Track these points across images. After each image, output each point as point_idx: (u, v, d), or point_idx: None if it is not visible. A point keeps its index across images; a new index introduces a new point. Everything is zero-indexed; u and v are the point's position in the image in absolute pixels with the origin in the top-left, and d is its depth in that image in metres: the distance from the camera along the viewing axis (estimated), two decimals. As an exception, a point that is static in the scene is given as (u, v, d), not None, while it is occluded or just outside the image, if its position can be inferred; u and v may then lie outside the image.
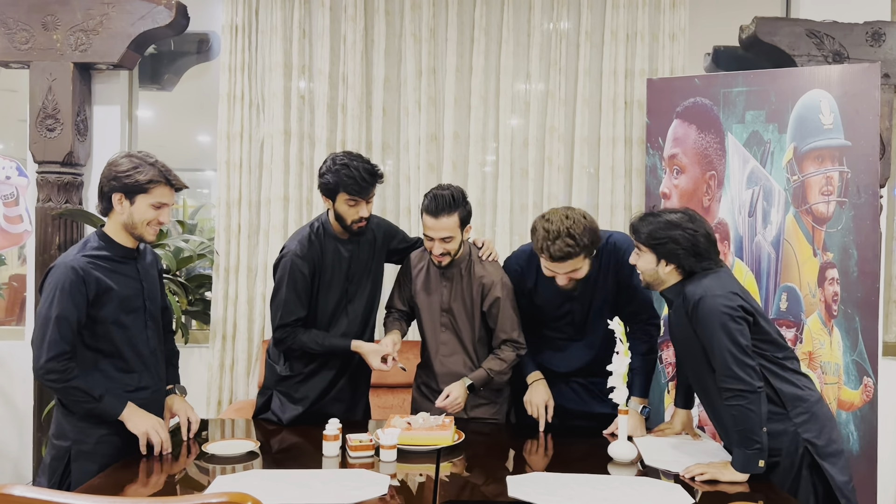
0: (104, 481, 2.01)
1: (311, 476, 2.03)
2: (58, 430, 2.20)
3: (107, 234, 2.24)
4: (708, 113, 3.39)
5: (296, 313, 2.60)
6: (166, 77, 4.33)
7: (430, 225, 2.55)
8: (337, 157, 2.55)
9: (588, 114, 3.80)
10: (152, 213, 2.20)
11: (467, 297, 2.68)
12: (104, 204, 2.22)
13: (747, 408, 2.04)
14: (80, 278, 2.11)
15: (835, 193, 3.17)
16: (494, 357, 2.65)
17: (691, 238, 2.17)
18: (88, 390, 2.13)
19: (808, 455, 2.13)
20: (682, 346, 2.31)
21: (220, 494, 1.25)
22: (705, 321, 2.09)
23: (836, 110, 3.17)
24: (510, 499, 1.89)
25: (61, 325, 2.09)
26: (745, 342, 2.07)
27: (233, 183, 3.80)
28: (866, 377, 3.16)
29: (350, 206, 2.53)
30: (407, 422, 2.38)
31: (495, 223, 3.79)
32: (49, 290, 2.12)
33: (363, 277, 2.70)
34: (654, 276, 2.26)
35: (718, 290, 2.11)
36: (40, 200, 3.73)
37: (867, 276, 3.14)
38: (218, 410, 3.79)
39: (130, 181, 2.16)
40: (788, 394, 2.16)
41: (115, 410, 2.17)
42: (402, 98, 3.83)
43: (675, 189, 3.46)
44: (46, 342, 2.09)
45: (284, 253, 2.63)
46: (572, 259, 2.41)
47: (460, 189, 2.60)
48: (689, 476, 2.07)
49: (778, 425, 2.13)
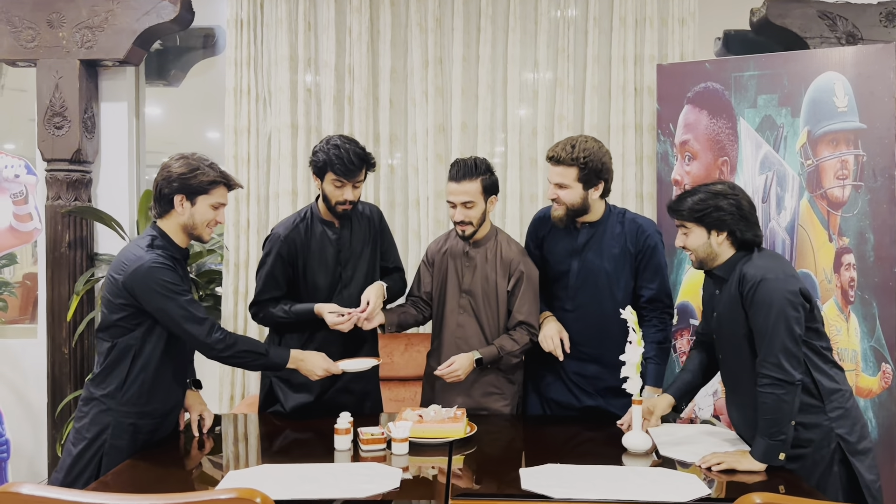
0: (118, 477, 2.00)
1: (322, 470, 2.02)
2: (92, 423, 2.20)
3: (166, 234, 2.27)
4: (719, 98, 3.34)
5: (271, 292, 2.63)
6: (173, 73, 4.32)
7: (452, 189, 2.58)
8: (332, 138, 2.58)
9: (597, 101, 3.75)
10: (212, 213, 2.28)
11: (491, 278, 2.65)
12: (163, 206, 2.26)
13: (783, 398, 2.01)
14: (169, 266, 2.20)
15: (850, 177, 3.12)
16: (508, 337, 2.62)
17: (735, 203, 2.15)
18: (256, 349, 2.34)
19: (840, 451, 2.10)
20: (725, 331, 2.22)
21: (230, 490, 1.23)
22: (763, 304, 2.04)
23: (851, 92, 3.11)
24: (523, 491, 1.86)
25: (191, 301, 2.21)
26: (799, 331, 2.04)
27: (241, 178, 3.78)
28: (885, 363, 3.11)
29: (336, 188, 2.54)
30: (419, 414, 2.36)
31: (505, 213, 3.77)
32: (157, 284, 2.15)
33: (358, 262, 2.68)
34: (707, 250, 2.20)
35: (780, 273, 2.07)
36: (49, 198, 3.74)
37: (884, 260, 3.09)
38: (231, 405, 3.79)
39: (194, 182, 2.23)
40: (827, 387, 2.11)
41: (282, 361, 2.39)
42: (408, 89, 3.81)
43: (687, 175, 3.41)
44: (199, 320, 2.21)
45: (269, 234, 2.69)
46: (562, 166, 2.52)
47: (485, 160, 2.63)
48: (706, 466, 2.04)
49: (812, 418, 2.09)
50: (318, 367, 2.42)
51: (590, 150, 2.53)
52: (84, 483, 2.15)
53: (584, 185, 2.55)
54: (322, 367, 2.42)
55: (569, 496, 1.82)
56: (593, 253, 2.64)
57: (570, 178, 2.54)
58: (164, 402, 2.28)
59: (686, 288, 3.41)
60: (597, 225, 2.65)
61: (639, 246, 2.61)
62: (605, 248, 2.63)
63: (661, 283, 2.62)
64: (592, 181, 2.55)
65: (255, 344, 2.35)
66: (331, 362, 2.45)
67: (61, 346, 3.74)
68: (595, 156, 2.53)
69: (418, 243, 3.78)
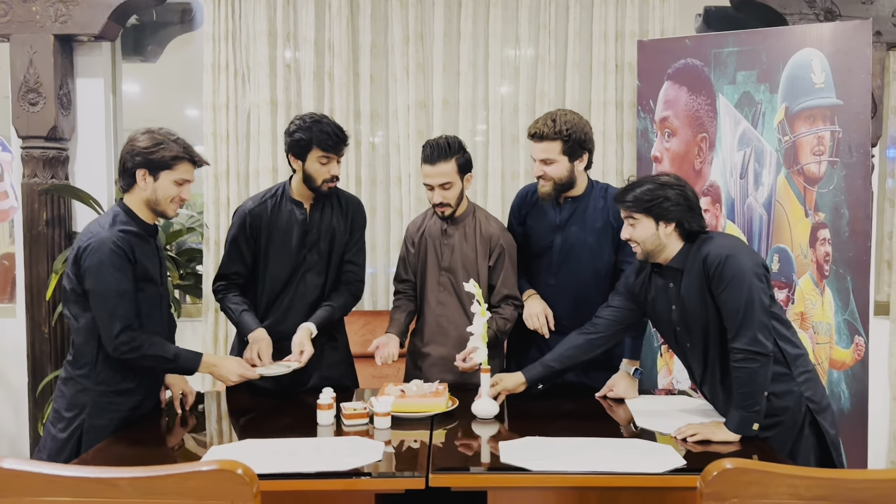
0: (99, 453, 2.01)
1: (305, 445, 2.04)
2: (70, 404, 2.20)
3: (131, 210, 2.25)
4: (699, 74, 3.36)
5: (232, 266, 2.64)
6: (150, 48, 4.26)
7: (427, 172, 2.57)
8: (304, 116, 2.56)
9: (578, 78, 3.76)
10: (175, 189, 2.23)
11: (471, 255, 2.67)
12: (126, 180, 2.23)
13: (758, 371, 2.04)
14: (123, 251, 2.15)
15: (826, 153, 3.16)
16: (498, 316, 2.64)
17: (682, 193, 2.16)
18: (163, 354, 2.22)
19: (809, 413, 2.16)
20: (691, 318, 2.21)
21: (211, 462, 1.25)
22: (733, 280, 2.05)
23: (828, 69, 3.14)
24: (503, 464, 1.89)
25: (122, 299, 2.15)
26: (767, 302, 2.08)
27: (220, 155, 3.76)
28: (858, 336, 3.18)
29: (322, 164, 2.53)
30: (401, 389, 2.38)
31: (487, 191, 3.78)
32: (95, 267, 2.13)
33: (323, 248, 2.65)
34: (655, 242, 2.19)
35: (742, 248, 2.11)
36: (26, 176, 3.70)
37: (858, 235, 3.14)
38: (213, 383, 3.79)
39: (156, 157, 2.19)
40: (791, 353, 2.17)
41: (192, 366, 2.29)
42: (389, 65, 3.79)
43: (666, 152, 3.43)
44: (114, 317, 2.14)
45: (237, 208, 2.68)
46: (546, 141, 2.53)
47: (457, 138, 2.62)
48: (681, 437, 2.08)
49: (784, 386, 2.14)
50: (232, 373, 2.34)
51: (571, 121, 2.55)
52: (64, 462, 2.15)
53: (570, 157, 2.57)
54: (236, 373, 2.34)
55: (547, 468, 1.85)
56: (576, 227, 2.66)
57: (554, 152, 2.55)
58: (139, 380, 2.27)
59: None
60: (579, 199, 2.67)
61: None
62: (588, 222, 2.65)
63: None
64: (577, 152, 2.57)
65: (164, 349, 2.23)
66: (247, 367, 2.38)
67: (41, 325, 3.71)
68: (577, 127, 2.55)
69: (400, 221, 3.78)
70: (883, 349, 3.80)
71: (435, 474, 1.84)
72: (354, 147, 3.80)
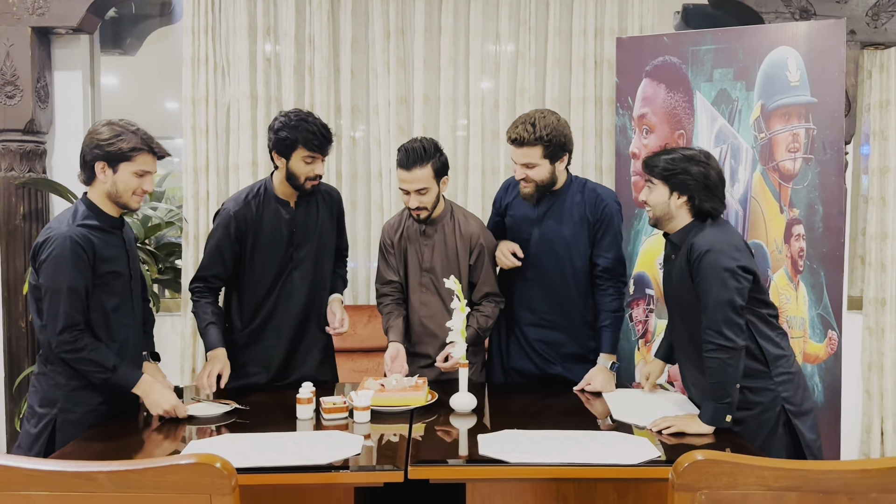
0: (78, 447, 2.00)
1: (285, 438, 2.04)
2: (43, 399, 2.19)
3: (94, 204, 2.22)
4: (677, 72, 3.39)
5: (215, 269, 2.61)
6: (128, 41, 4.23)
7: (403, 178, 2.56)
8: (290, 113, 2.52)
9: (558, 74, 3.78)
10: (136, 181, 2.20)
11: (451, 254, 2.68)
12: (87, 173, 2.20)
13: (727, 362, 2.08)
14: (81, 247, 2.12)
15: (801, 150, 3.21)
16: (479, 314, 2.66)
17: (704, 171, 2.21)
18: (102, 361, 2.15)
19: (784, 414, 2.19)
20: (676, 295, 2.32)
21: (190, 456, 1.25)
22: (706, 274, 2.11)
23: (803, 67, 3.19)
24: (481, 456, 1.91)
25: (71, 296, 2.11)
26: (739, 302, 2.10)
27: (199, 149, 3.74)
28: (831, 330, 3.23)
29: (307, 164, 2.51)
30: (380, 384, 2.40)
31: (467, 186, 3.79)
32: (50, 262, 2.11)
33: (310, 245, 2.65)
34: (664, 209, 2.26)
35: (726, 246, 2.13)
36: (3, 170, 3.66)
37: (832, 231, 3.20)
38: (192, 377, 3.78)
39: (113, 149, 2.15)
40: (772, 353, 2.20)
41: (130, 381, 2.19)
42: (370, 60, 3.78)
43: (644, 149, 3.47)
44: (59, 314, 2.10)
45: (219, 209, 2.64)
46: (526, 147, 2.54)
47: (433, 140, 2.60)
48: (656, 429, 2.12)
49: (759, 382, 2.18)
50: (159, 406, 2.21)
51: (551, 125, 2.54)
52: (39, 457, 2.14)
53: (551, 160, 2.58)
54: (163, 408, 2.20)
55: (524, 460, 1.87)
56: (553, 221, 2.68)
57: (535, 156, 2.56)
58: None
59: (643, 258, 3.48)
60: (557, 194, 2.69)
61: (597, 214, 2.65)
62: (565, 215, 2.67)
63: (616, 253, 2.68)
64: (558, 154, 2.59)
65: (104, 357, 2.15)
66: (178, 404, 2.23)
67: (17, 320, 3.68)
68: (557, 130, 2.55)
69: (381, 215, 3.79)
70: (856, 343, 3.88)
71: (413, 467, 1.86)
72: (336, 142, 3.78)
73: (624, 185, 3.52)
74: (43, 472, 1.25)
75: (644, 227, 3.45)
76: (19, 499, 1.25)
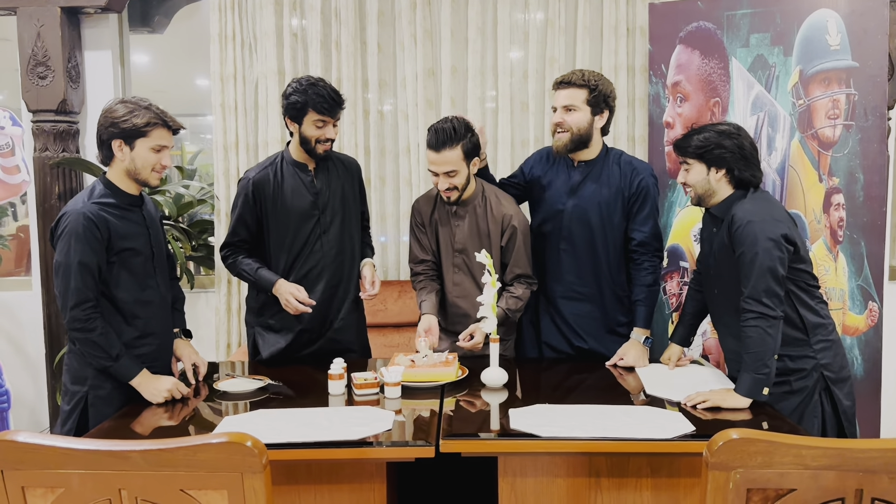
0: (113, 425, 2.04)
1: (317, 414, 2.06)
2: (74, 376, 2.23)
3: (111, 182, 2.24)
4: (711, 37, 3.29)
5: (239, 234, 2.65)
6: (157, 19, 4.23)
7: (432, 159, 2.52)
8: (301, 79, 2.54)
9: (589, 42, 3.70)
10: (153, 156, 2.20)
11: (483, 234, 2.64)
12: (104, 152, 2.21)
13: (766, 331, 2.08)
14: (94, 224, 2.13)
15: (841, 117, 3.10)
16: (509, 295, 2.63)
17: (738, 143, 2.22)
18: (107, 348, 2.15)
19: (823, 381, 2.20)
20: (717, 267, 2.31)
21: (221, 435, 1.26)
22: (748, 243, 2.12)
23: (844, 30, 3.07)
24: (512, 430, 1.91)
25: (83, 272, 2.12)
26: (781, 272, 2.10)
27: (229, 126, 3.75)
28: (871, 302, 3.15)
29: (318, 128, 2.53)
30: (411, 359, 2.40)
31: (496, 159, 3.75)
32: (64, 238, 2.13)
33: (338, 208, 2.67)
34: (705, 186, 2.27)
35: (767, 216, 2.14)
36: (37, 150, 3.71)
37: (874, 200, 3.10)
38: (227, 353, 3.83)
39: (128, 126, 2.16)
40: (812, 321, 2.20)
41: (129, 373, 2.19)
42: (396, 32, 3.74)
43: (678, 118, 3.39)
44: (71, 290, 2.13)
45: (239, 179, 2.68)
46: (571, 88, 2.55)
47: (463, 120, 2.54)
48: (690, 404, 2.09)
49: (798, 350, 2.19)
50: (159, 393, 2.19)
51: (598, 77, 2.59)
52: (75, 434, 2.17)
53: (593, 108, 2.56)
54: (163, 393, 2.20)
55: (556, 434, 1.86)
56: (588, 192, 2.64)
57: (579, 99, 2.55)
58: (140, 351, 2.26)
59: (676, 231, 3.42)
60: (593, 164, 2.65)
61: (633, 188, 2.61)
62: (601, 187, 2.63)
63: (652, 227, 2.64)
64: (600, 105, 2.57)
65: (110, 344, 2.15)
66: (177, 382, 2.23)
67: (56, 297, 3.75)
68: (603, 81, 2.59)
69: (409, 191, 3.77)
70: (897, 314, 3.78)
71: (445, 440, 1.86)
72: (363, 116, 3.78)
73: (657, 154, 3.45)
74: (77, 450, 1.26)
75: (678, 197, 3.39)
76: (54, 477, 1.27)
